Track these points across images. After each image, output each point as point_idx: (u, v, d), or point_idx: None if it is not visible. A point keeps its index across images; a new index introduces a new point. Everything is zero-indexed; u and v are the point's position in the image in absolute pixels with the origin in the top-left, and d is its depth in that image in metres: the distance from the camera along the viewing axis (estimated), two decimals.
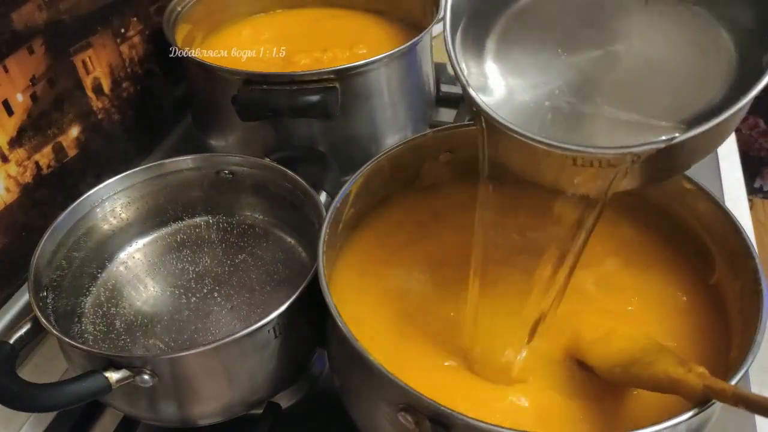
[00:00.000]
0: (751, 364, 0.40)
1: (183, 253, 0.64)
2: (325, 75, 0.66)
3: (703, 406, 0.37)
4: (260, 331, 0.48)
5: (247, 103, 0.66)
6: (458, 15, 0.44)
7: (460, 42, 0.44)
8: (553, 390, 0.45)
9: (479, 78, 0.44)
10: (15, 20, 0.60)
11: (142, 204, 0.63)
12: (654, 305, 0.50)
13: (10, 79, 0.61)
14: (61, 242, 0.57)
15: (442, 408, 0.37)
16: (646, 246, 0.54)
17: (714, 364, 0.45)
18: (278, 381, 0.52)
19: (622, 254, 0.54)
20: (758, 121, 1.64)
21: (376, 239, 0.56)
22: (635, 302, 0.51)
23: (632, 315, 0.50)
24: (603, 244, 0.54)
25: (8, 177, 0.62)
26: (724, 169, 0.81)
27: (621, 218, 0.56)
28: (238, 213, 0.67)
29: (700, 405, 0.37)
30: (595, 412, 0.44)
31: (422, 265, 0.54)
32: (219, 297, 0.59)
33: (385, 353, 0.41)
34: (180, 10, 0.79)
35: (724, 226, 0.49)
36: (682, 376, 0.38)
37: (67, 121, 0.69)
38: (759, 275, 0.44)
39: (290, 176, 0.60)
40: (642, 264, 0.53)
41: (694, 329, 0.48)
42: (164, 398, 0.49)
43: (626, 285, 0.52)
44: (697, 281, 0.51)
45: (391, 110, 0.73)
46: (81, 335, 0.56)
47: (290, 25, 0.87)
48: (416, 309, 0.51)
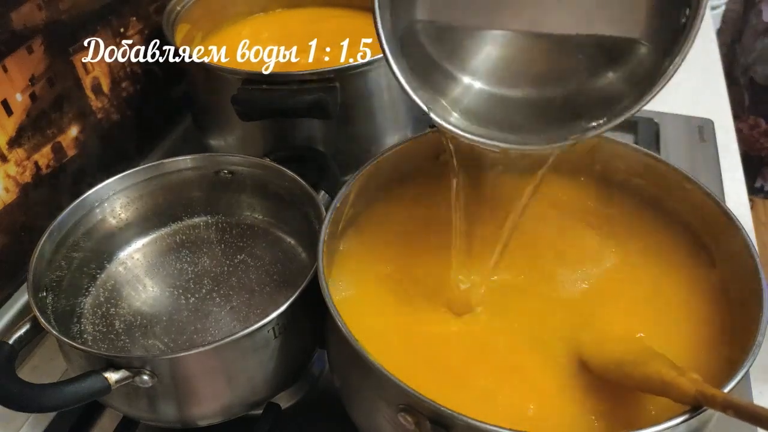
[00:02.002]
0: (752, 364, 0.39)
1: (182, 253, 0.63)
2: (325, 75, 0.66)
3: (696, 411, 0.37)
4: (260, 332, 0.48)
5: (247, 103, 0.66)
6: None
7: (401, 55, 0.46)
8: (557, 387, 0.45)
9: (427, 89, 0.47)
10: (14, 20, 0.60)
11: (142, 204, 0.63)
12: (652, 304, 0.50)
13: (9, 78, 0.61)
14: (61, 242, 0.56)
15: (442, 408, 0.37)
16: (646, 245, 0.54)
17: (714, 363, 0.45)
18: (278, 381, 0.52)
19: (620, 252, 0.54)
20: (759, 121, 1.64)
21: (377, 239, 0.56)
22: (634, 301, 0.51)
23: (630, 314, 0.50)
24: (601, 243, 0.54)
25: (7, 177, 0.62)
26: (725, 169, 0.81)
27: (620, 218, 0.56)
28: (237, 213, 0.67)
29: (693, 410, 0.37)
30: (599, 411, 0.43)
31: (423, 264, 0.54)
32: (218, 297, 0.59)
33: (385, 354, 0.41)
34: (180, 9, 0.79)
35: (725, 226, 0.49)
36: (674, 379, 0.38)
37: (67, 120, 0.69)
38: (759, 275, 0.44)
39: (290, 176, 0.60)
40: (641, 263, 0.53)
41: (693, 328, 0.48)
42: (164, 399, 0.48)
43: (625, 284, 0.52)
44: (697, 281, 0.51)
45: (391, 110, 0.73)
46: (80, 335, 0.56)
47: (290, 25, 0.87)
48: (418, 309, 0.51)
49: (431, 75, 0.47)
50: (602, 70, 0.45)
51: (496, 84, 0.48)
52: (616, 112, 0.42)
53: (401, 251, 0.55)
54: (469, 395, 0.44)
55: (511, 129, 0.45)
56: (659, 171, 0.54)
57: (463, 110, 0.47)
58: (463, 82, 0.48)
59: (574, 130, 0.43)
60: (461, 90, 0.48)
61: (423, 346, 0.48)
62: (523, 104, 0.47)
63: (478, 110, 0.47)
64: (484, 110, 0.47)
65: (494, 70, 0.48)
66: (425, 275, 0.53)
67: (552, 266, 0.53)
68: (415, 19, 0.46)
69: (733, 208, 0.49)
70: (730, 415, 0.34)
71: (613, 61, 0.44)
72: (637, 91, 0.41)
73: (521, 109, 0.47)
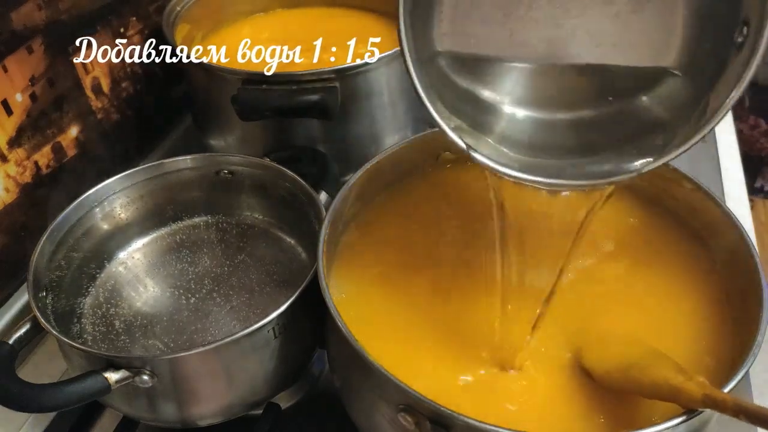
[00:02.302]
0: (752, 364, 0.39)
1: (182, 253, 0.63)
2: (325, 75, 0.66)
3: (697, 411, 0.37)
4: (260, 332, 0.48)
5: (247, 103, 0.66)
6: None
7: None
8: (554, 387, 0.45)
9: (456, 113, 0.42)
10: (14, 20, 0.60)
11: (142, 204, 0.63)
12: (652, 304, 0.50)
13: (9, 78, 0.61)
14: (61, 242, 0.56)
15: (442, 408, 0.37)
16: (645, 245, 0.54)
17: (714, 363, 0.45)
18: (278, 381, 0.52)
19: (620, 254, 0.54)
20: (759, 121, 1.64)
21: (377, 239, 0.56)
22: (633, 301, 0.51)
23: (630, 314, 0.50)
24: (601, 242, 0.54)
25: (7, 177, 0.62)
26: (725, 169, 0.81)
27: (619, 217, 0.56)
28: (237, 213, 0.66)
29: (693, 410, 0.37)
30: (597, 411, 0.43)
31: (424, 264, 0.54)
32: (218, 297, 0.59)
33: (385, 354, 0.41)
34: (179, 9, 0.79)
35: (725, 226, 0.49)
36: (681, 384, 0.37)
37: (67, 120, 0.69)
38: (759, 275, 0.44)
39: (290, 176, 0.60)
40: (641, 263, 0.53)
41: (693, 328, 0.48)
42: (164, 399, 0.48)
43: (624, 284, 0.52)
44: (697, 280, 0.51)
45: (391, 110, 0.73)
46: (80, 335, 0.56)
47: (290, 25, 0.87)
48: (417, 308, 0.51)
49: (463, 105, 0.43)
50: (640, 99, 0.41)
51: (534, 110, 0.43)
52: (666, 150, 0.39)
53: (401, 251, 0.55)
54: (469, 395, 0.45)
55: (554, 166, 0.42)
56: (659, 171, 0.54)
57: (501, 142, 0.43)
58: (498, 111, 0.44)
59: (619, 166, 0.39)
60: (496, 119, 0.44)
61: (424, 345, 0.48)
62: (564, 134, 0.43)
63: (516, 142, 0.43)
64: (523, 141, 0.43)
65: (530, 97, 0.44)
66: (425, 275, 0.53)
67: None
68: (436, 51, 0.42)
69: (733, 208, 0.49)
70: (741, 419, 0.34)
71: (649, 90, 0.41)
72: (685, 122, 0.38)
73: (563, 140, 0.43)
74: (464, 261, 0.53)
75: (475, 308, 0.50)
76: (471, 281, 0.52)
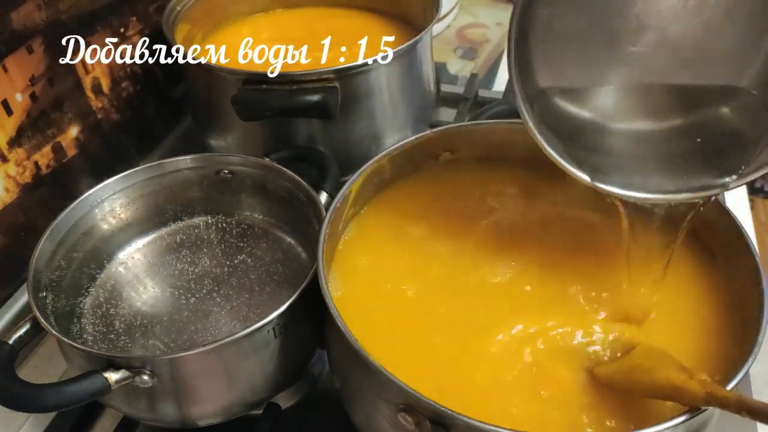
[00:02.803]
0: (752, 364, 0.39)
1: (182, 253, 0.63)
2: (325, 75, 0.66)
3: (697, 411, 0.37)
4: (260, 332, 0.48)
5: (247, 103, 0.66)
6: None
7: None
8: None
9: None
10: (14, 20, 0.60)
11: (142, 204, 0.63)
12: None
13: (9, 78, 0.61)
14: (61, 242, 0.56)
15: (442, 408, 0.37)
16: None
17: (714, 363, 0.45)
18: (278, 381, 0.52)
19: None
20: None
21: (377, 239, 0.56)
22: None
23: None
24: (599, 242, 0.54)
25: (7, 177, 0.62)
26: None
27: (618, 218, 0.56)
28: (237, 213, 0.66)
29: (693, 410, 0.37)
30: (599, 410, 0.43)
31: (424, 263, 0.54)
32: (218, 297, 0.59)
33: (385, 354, 0.41)
34: (179, 9, 0.79)
35: (725, 225, 0.49)
36: (684, 383, 0.37)
37: (67, 120, 0.69)
38: (759, 275, 0.44)
39: (290, 176, 0.60)
40: None
41: (693, 328, 0.48)
42: (164, 399, 0.48)
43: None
44: (697, 280, 0.51)
45: (391, 110, 0.73)
46: (80, 335, 0.56)
47: (290, 25, 0.87)
48: (418, 308, 0.51)
49: (571, 135, 0.46)
50: (726, 115, 0.45)
51: (631, 124, 0.47)
52: (755, 166, 0.42)
53: (401, 251, 0.55)
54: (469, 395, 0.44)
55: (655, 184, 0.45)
56: None
57: (607, 164, 0.46)
58: (600, 134, 0.47)
59: (713, 181, 0.43)
60: (600, 142, 0.47)
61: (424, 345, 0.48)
62: (661, 148, 0.46)
63: (619, 164, 0.46)
64: (627, 162, 0.46)
65: (626, 113, 0.47)
66: (426, 275, 0.53)
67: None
68: (540, 87, 0.45)
69: (733, 208, 0.49)
70: (743, 416, 0.34)
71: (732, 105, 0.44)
72: None
73: (659, 155, 0.47)
74: (466, 260, 0.53)
75: (476, 308, 0.50)
76: (471, 281, 0.52)
